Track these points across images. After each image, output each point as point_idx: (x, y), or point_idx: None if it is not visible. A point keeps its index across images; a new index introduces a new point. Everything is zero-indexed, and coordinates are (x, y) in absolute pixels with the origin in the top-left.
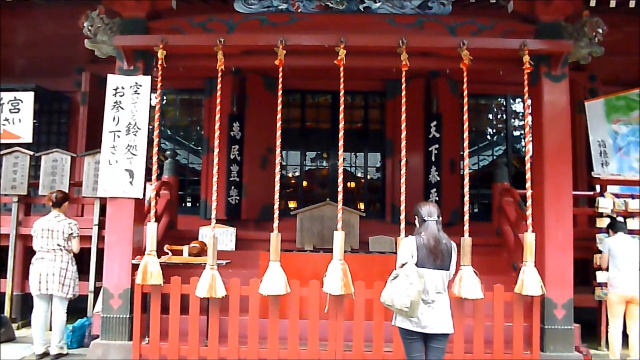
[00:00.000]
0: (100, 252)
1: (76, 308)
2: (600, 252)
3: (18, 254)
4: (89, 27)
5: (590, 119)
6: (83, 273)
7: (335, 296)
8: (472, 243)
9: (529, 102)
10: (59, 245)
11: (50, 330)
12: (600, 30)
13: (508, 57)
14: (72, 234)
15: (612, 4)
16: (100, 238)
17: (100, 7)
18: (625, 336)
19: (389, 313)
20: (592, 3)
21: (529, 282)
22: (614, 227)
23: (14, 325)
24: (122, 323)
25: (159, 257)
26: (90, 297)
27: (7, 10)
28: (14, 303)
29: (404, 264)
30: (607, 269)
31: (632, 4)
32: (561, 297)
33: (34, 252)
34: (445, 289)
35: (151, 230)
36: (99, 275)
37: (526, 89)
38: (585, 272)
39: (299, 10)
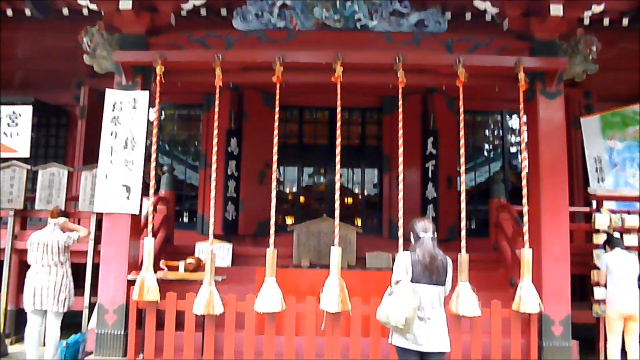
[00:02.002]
0: (96, 267)
1: (70, 323)
2: (597, 268)
3: (13, 268)
4: (89, 43)
5: (586, 135)
6: (78, 288)
7: (332, 313)
8: (469, 259)
9: (524, 118)
10: (53, 259)
11: (44, 345)
12: (595, 48)
13: (504, 74)
14: (67, 246)
15: (606, 22)
16: (96, 253)
17: (100, 23)
18: (624, 353)
19: (386, 330)
20: (586, 21)
21: (526, 298)
22: (610, 243)
23: (7, 341)
24: (117, 339)
25: (155, 272)
26: (85, 312)
27: (7, 23)
28: (8, 318)
29: (398, 281)
30: (605, 285)
31: (625, 22)
32: (559, 314)
33: (28, 267)
34: (442, 306)
35: (148, 245)
36: (94, 291)
37: (522, 105)
38: (582, 288)
39: (297, 28)
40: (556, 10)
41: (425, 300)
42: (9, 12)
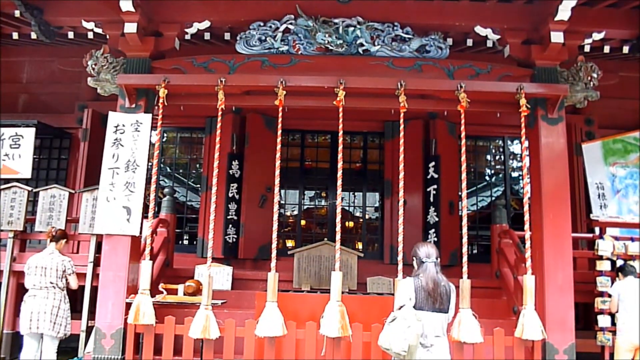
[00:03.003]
0: (94, 290)
1: (67, 348)
2: (601, 295)
3: (11, 290)
4: (93, 66)
5: (588, 161)
6: (76, 311)
7: (333, 338)
8: (471, 285)
9: (526, 144)
10: (51, 282)
11: None
12: (595, 75)
13: (505, 100)
14: (65, 271)
15: (607, 49)
16: (95, 276)
17: (104, 47)
18: None
19: (387, 356)
20: (587, 49)
21: (529, 326)
22: (623, 270)
23: None
24: None
25: (153, 295)
26: (82, 336)
27: (11, 47)
28: (4, 341)
29: (401, 307)
30: (615, 314)
31: (625, 49)
32: (563, 342)
33: (26, 290)
34: (445, 333)
35: (145, 269)
36: (91, 314)
37: (523, 131)
38: (586, 316)
39: (300, 52)
40: (557, 37)
41: (428, 327)
42: (15, 36)
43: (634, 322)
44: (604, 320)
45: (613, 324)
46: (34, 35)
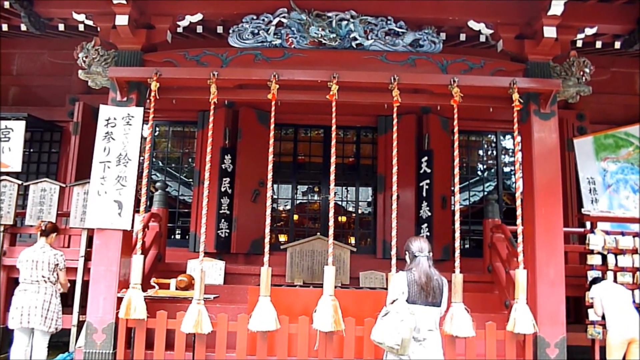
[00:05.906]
0: (85, 285)
1: (58, 342)
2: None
3: (1, 285)
4: (84, 58)
5: (580, 156)
6: (67, 306)
7: (325, 333)
8: (463, 280)
9: (518, 139)
10: (43, 276)
11: None
12: (588, 70)
13: (498, 95)
14: (57, 264)
15: (598, 44)
16: (86, 270)
17: (96, 39)
18: None
19: (380, 350)
20: (579, 44)
21: (521, 320)
22: (596, 281)
23: None
24: (105, 359)
25: (145, 290)
26: (73, 331)
27: (1, 39)
28: None
29: (394, 301)
30: (602, 315)
31: (617, 45)
32: (554, 336)
33: (17, 284)
34: (437, 327)
35: (137, 263)
36: (83, 309)
37: (516, 126)
38: (577, 310)
39: (293, 46)
40: (550, 32)
41: (421, 321)
42: (5, 27)
43: (621, 319)
44: (594, 314)
45: (603, 317)
46: (24, 27)
